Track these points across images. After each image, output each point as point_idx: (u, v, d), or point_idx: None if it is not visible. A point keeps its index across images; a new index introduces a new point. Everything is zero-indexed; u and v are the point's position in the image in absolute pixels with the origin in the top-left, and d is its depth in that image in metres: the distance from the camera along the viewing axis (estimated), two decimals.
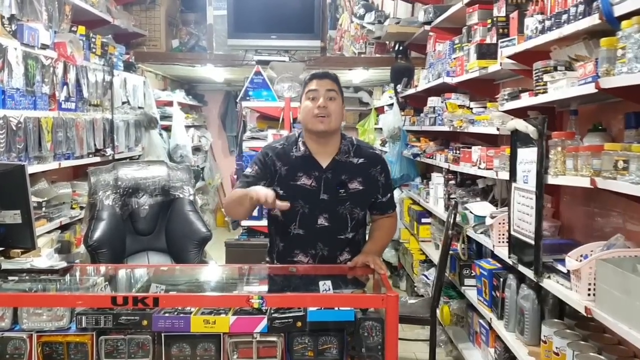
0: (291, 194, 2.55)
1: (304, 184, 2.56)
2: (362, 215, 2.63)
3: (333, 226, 2.57)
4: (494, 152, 3.30)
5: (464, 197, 3.94)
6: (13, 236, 2.40)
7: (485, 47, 3.40)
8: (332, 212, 2.56)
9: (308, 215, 2.56)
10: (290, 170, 2.57)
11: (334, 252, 2.61)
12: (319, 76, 2.60)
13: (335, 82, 2.60)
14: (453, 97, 4.28)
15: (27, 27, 3.71)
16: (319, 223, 2.56)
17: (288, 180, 2.57)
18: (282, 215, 2.59)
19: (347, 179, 2.57)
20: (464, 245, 3.74)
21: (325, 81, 2.58)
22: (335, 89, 2.57)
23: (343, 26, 7.64)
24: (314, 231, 2.57)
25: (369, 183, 2.60)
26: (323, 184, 2.56)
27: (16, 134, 3.56)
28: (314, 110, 2.52)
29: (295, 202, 2.54)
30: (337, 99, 2.57)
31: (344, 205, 2.57)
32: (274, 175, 2.59)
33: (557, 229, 2.92)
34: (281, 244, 2.64)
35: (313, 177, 2.56)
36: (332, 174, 2.57)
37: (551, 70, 2.50)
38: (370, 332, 2.09)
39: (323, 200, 2.55)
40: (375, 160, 2.65)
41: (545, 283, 2.48)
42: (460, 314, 4.04)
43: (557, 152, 2.41)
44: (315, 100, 2.54)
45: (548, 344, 2.52)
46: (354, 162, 2.60)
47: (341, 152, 2.60)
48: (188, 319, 2.08)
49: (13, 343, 2.09)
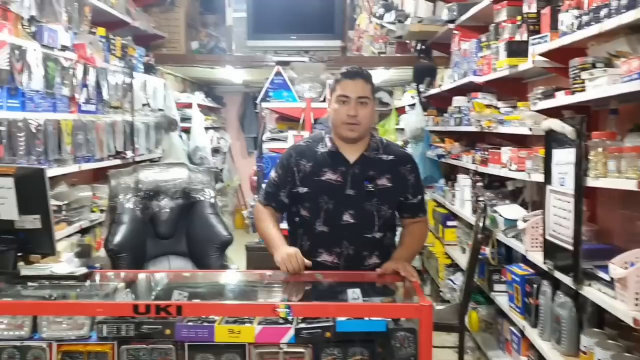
0: (315, 190, 2.51)
1: (328, 179, 2.50)
2: (389, 214, 2.55)
3: (359, 223, 2.50)
4: (526, 153, 3.19)
5: (492, 200, 3.82)
6: (33, 241, 2.34)
7: (515, 45, 3.29)
8: (358, 209, 2.49)
9: (332, 211, 2.49)
10: (315, 166, 2.52)
11: (360, 252, 2.52)
12: (350, 76, 2.50)
13: (367, 82, 2.50)
14: (480, 96, 4.17)
15: (47, 28, 3.67)
16: (343, 219, 2.49)
17: (312, 176, 2.52)
18: (307, 212, 2.54)
19: (375, 174, 2.50)
20: (493, 249, 3.63)
21: (357, 83, 2.47)
22: (367, 94, 2.48)
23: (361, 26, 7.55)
24: (339, 228, 2.50)
25: (397, 181, 2.53)
26: (349, 179, 2.50)
27: (36, 136, 3.52)
28: (344, 117, 2.45)
29: (320, 198, 2.50)
30: (368, 104, 2.49)
31: (371, 202, 2.50)
32: (295, 175, 2.55)
33: (593, 234, 2.80)
34: (307, 243, 2.56)
35: (339, 172, 2.51)
36: (360, 169, 2.51)
37: (589, 67, 2.38)
38: (402, 343, 2.00)
39: (349, 195, 2.49)
40: (405, 159, 2.59)
41: (586, 291, 2.37)
42: (489, 320, 3.92)
43: (597, 153, 2.29)
44: (345, 105, 2.46)
45: (589, 355, 2.41)
46: (383, 158, 2.54)
47: (370, 148, 2.54)
48: (212, 328, 2.00)
49: (32, 352, 2.04)
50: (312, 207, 2.51)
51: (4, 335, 2.06)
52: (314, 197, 2.51)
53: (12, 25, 3.36)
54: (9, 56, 3.21)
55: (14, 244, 2.31)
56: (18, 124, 3.35)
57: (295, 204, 2.58)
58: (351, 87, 2.46)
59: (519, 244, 3.17)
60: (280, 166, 2.60)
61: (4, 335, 2.06)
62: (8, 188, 2.24)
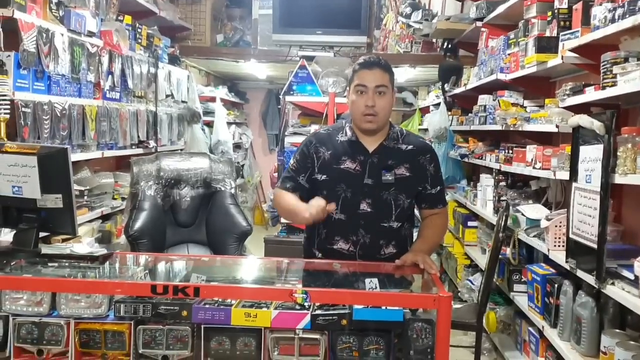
0: (334, 177, 2.50)
1: (347, 167, 2.50)
2: (407, 204, 2.53)
3: (376, 212, 2.49)
4: (551, 151, 3.14)
5: (515, 200, 3.77)
6: (54, 221, 2.36)
7: (545, 40, 3.23)
8: (376, 198, 2.48)
9: (350, 199, 2.48)
10: (334, 154, 2.52)
11: (377, 240, 2.51)
12: (368, 65, 2.48)
13: (386, 72, 2.48)
14: (506, 94, 4.12)
15: (75, 13, 3.70)
16: (361, 208, 2.48)
17: (331, 164, 2.51)
18: (324, 200, 2.50)
19: (393, 164, 2.49)
20: (514, 249, 3.58)
21: (375, 73, 2.46)
22: (386, 82, 2.46)
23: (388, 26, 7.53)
24: (356, 216, 2.49)
25: (416, 170, 2.51)
26: (368, 168, 2.49)
27: (60, 120, 3.55)
28: (362, 107, 2.44)
29: (338, 186, 2.49)
30: (387, 93, 2.47)
31: (389, 191, 2.48)
32: (315, 162, 2.54)
33: (619, 234, 2.74)
34: (324, 231, 2.56)
35: (358, 161, 2.50)
36: (378, 158, 2.50)
37: (622, 62, 2.34)
38: (419, 334, 1.97)
39: (367, 184, 2.48)
40: (425, 149, 2.57)
41: (609, 290, 2.32)
42: (507, 321, 3.86)
43: (626, 149, 2.24)
44: (363, 95, 2.45)
45: (609, 356, 2.36)
46: (402, 148, 2.53)
47: (389, 138, 2.53)
48: (229, 311, 1.99)
49: (50, 329, 2.05)
50: (329, 195, 2.49)
51: (23, 312, 2.07)
52: (332, 185, 2.50)
53: (40, 8, 3.39)
54: (36, 39, 3.25)
55: (36, 223, 2.33)
56: (44, 106, 3.38)
57: (313, 190, 2.57)
58: (369, 76, 2.45)
59: (541, 243, 3.12)
60: (300, 153, 2.60)
61: (23, 311, 2.07)
62: (31, 167, 2.25)
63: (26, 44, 3.15)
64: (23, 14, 3.16)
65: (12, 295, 2.08)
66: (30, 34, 3.20)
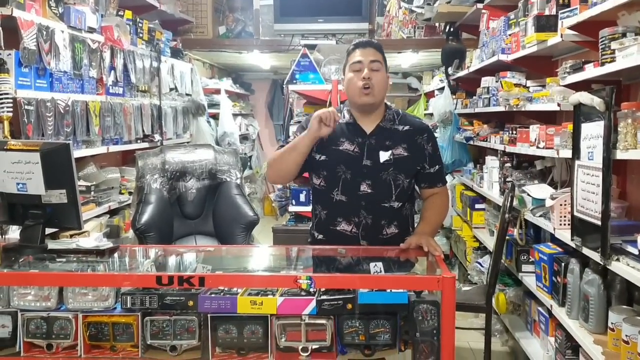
0: (333, 159, 2.53)
1: (346, 149, 2.53)
2: (407, 183, 2.54)
3: (376, 192, 2.51)
4: (554, 129, 3.12)
5: (520, 180, 3.76)
6: (60, 216, 2.38)
7: (544, 19, 3.22)
8: (375, 179, 2.51)
9: (350, 181, 2.51)
10: (333, 135, 2.53)
11: (378, 221, 2.53)
12: (362, 45, 2.57)
13: (378, 51, 2.56)
14: (508, 75, 4.10)
15: (74, 9, 3.71)
16: (361, 189, 2.51)
17: (330, 145, 2.54)
18: (324, 181, 2.56)
19: (391, 144, 2.53)
20: (521, 230, 3.57)
21: (368, 50, 2.54)
22: (379, 59, 2.54)
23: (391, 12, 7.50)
24: (357, 197, 2.51)
25: (414, 150, 2.55)
26: (366, 149, 2.52)
27: (64, 117, 3.57)
28: (358, 82, 2.49)
29: (337, 167, 2.52)
30: (381, 70, 2.53)
31: (387, 171, 2.51)
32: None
33: (624, 210, 2.73)
34: (324, 212, 2.59)
35: (356, 142, 2.54)
36: (376, 139, 2.54)
37: (619, 37, 2.32)
38: (424, 316, 1.98)
39: (366, 166, 2.51)
40: (422, 129, 2.61)
41: (614, 266, 2.31)
42: (517, 302, 3.86)
43: (626, 125, 2.23)
44: (359, 73, 2.50)
45: (616, 332, 2.35)
46: (399, 129, 2.57)
47: (386, 119, 2.58)
48: (234, 299, 2.01)
49: (59, 323, 2.07)
50: (329, 176, 2.54)
51: (31, 307, 2.09)
52: (332, 166, 2.53)
53: (40, 5, 3.40)
54: (36, 36, 3.26)
55: (41, 219, 2.35)
56: (47, 103, 3.40)
57: (313, 170, 2.60)
58: (363, 53, 2.53)
59: (547, 223, 3.12)
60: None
61: (31, 306, 2.09)
62: (35, 163, 2.27)
63: (26, 41, 3.17)
64: (22, 12, 3.17)
65: (20, 291, 2.10)
66: (30, 31, 3.21)
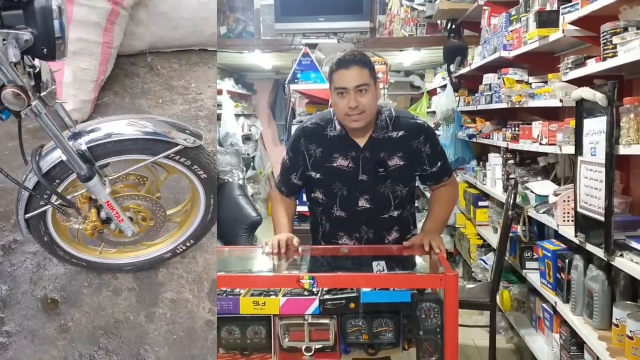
0: (327, 176, 2.46)
1: (340, 165, 2.44)
2: (406, 191, 2.50)
3: (375, 207, 2.46)
4: (556, 126, 3.11)
5: (524, 177, 3.75)
6: None
7: (545, 15, 3.20)
8: (373, 193, 2.45)
9: (347, 197, 2.46)
10: (325, 151, 2.45)
11: (380, 232, 2.51)
12: (344, 64, 2.32)
13: (364, 67, 2.32)
14: (510, 72, 4.08)
15: None
16: (359, 205, 2.46)
17: (323, 163, 2.45)
18: (324, 196, 2.51)
19: (386, 156, 2.42)
20: (524, 227, 3.56)
21: (352, 71, 2.30)
22: (365, 80, 2.31)
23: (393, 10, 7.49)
24: (356, 213, 2.47)
25: (411, 157, 2.44)
26: (361, 164, 2.42)
27: None
28: (345, 109, 2.32)
29: (333, 184, 2.45)
30: (369, 90, 2.32)
31: (385, 184, 2.44)
32: (307, 160, 2.49)
33: (627, 206, 2.72)
34: (327, 224, 2.56)
35: (350, 157, 2.43)
36: (370, 152, 2.42)
37: (621, 32, 2.31)
38: (428, 314, 1.98)
39: (362, 181, 2.43)
40: (417, 131, 2.44)
41: (618, 262, 2.31)
42: (522, 299, 3.85)
43: (629, 120, 2.22)
44: (345, 97, 2.31)
45: (621, 328, 2.34)
46: (393, 136, 2.43)
47: (378, 128, 2.42)
48: (237, 300, 2.01)
49: None
50: (326, 192, 2.49)
51: None
52: (327, 183, 2.47)
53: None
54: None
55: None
56: None
57: (310, 186, 2.56)
58: (347, 76, 2.30)
59: (551, 220, 3.11)
60: (291, 149, 2.52)
61: None
62: None
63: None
64: None
65: None
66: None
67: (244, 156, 7.51)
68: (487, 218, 4.75)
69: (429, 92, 7.64)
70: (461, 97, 5.71)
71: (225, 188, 3.51)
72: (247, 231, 3.56)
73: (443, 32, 6.18)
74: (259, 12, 6.68)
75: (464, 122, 5.52)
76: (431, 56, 6.89)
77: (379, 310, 2.02)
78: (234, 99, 8.00)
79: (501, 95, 4.07)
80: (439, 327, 1.96)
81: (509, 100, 3.87)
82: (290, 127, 5.27)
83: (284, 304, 2.00)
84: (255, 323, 2.04)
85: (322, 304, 2.00)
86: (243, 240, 3.53)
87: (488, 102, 4.58)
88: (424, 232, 2.44)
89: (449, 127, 5.77)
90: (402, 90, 8.68)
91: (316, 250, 2.57)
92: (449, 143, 5.65)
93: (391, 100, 5.18)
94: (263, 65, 8.26)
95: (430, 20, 6.32)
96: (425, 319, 1.98)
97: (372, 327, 2.02)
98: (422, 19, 6.42)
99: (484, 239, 4.76)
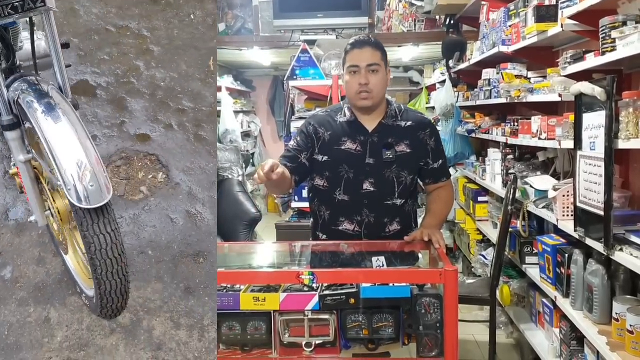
0: (335, 158, 2.51)
1: (348, 148, 2.51)
2: (410, 180, 2.53)
3: (379, 191, 2.50)
4: (555, 120, 3.11)
5: (523, 172, 3.75)
6: None
7: (544, 9, 3.20)
8: (378, 177, 2.49)
9: (353, 180, 2.50)
10: (334, 135, 2.52)
11: (381, 219, 2.52)
12: (358, 44, 2.50)
13: (377, 49, 2.49)
14: (509, 66, 4.08)
15: None
16: (364, 188, 2.50)
17: (332, 145, 2.52)
18: (327, 182, 2.54)
19: (393, 141, 2.50)
20: (524, 221, 3.56)
21: (365, 50, 2.47)
22: (377, 60, 2.47)
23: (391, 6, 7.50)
24: (359, 196, 2.50)
25: (417, 146, 2.53)
26: (369, 147, 2.50)
27: None
28: (355, 86, 2.46)
29: (340, 167, 2.50)
30: (379, 70, 2.48)
31: (390, 169, 2.49)
32: (315, 143, 2.54)
33: (627, 200, 2.72)
34: (327, 212, 2.57)
35: (358, 141, 2.51)
36: (378, 137, 2.51)
37: (619, 26, 2.30)
38: (427, 309, 1.98)
39: (368, 164, 2.49)
40: (424, 124, 2.58)
41: (617, 256, 2.31)
42: (521, 293, 3.85)
43: (628, 114, 2.22)
44: (356, 75, 2.47)
45: (620, 322, 2.35)
46: (402, 125, 2.54)
47: (388, 115, 2.54)
48: (237, 296, 2.02)
49: None
50: (331, 176, 2.52)
51: None
52: (334, 166, 2.51)
53: None
54: None
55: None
56: None
57: (314, 172, 2.58)
58: (360, 55, 2.46)
59: (550, 214, 3.11)
60: (300, 133, 2.61)
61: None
62: None
63: None
64: None
65: None
66: None
67: (243, 153, 7.52)
68: (487, 213, 4.75)
69: (428, 87, 7.63)
70: (460, 92, 5.70)
71: (224, 184, 3.51)
72: (246, 227, 3.56)
73: (441, 27, 6.19)
74: (257, 8, 6.68)
75: (463, 117, 5.52)
76: (430, 51, 6.89)
77: (378, 306, 2.02)
78: (232, 95, 8.01)
79: (500, 90, 4.08)
80: (439, 322, 1.96)
81: (507, 95, 3.87)
82: (289, 123, 5.27)
83: (284, 300, 2.01)
84: (256, 319, 2.04)
85: (321, 299, 2.01)
86: (243, 236, 3.54)
87: (487, 97, 4.58)
88: (424, 227, 2.46)
89: (448, 123, 5.76)
90: (401, 86, 8.69)
91: (316, 246, 2.57)
92: (448, 138, 5.64)
93: (390, 95, 5.18)
94: (262, 62, 8.26)
95: (428, 16, 6.33)
96: (425, 314, 1.98)
97: (372, 322, 2.02)
98: (421, 15, 6.44)
99: (483, 234, 4.76)
